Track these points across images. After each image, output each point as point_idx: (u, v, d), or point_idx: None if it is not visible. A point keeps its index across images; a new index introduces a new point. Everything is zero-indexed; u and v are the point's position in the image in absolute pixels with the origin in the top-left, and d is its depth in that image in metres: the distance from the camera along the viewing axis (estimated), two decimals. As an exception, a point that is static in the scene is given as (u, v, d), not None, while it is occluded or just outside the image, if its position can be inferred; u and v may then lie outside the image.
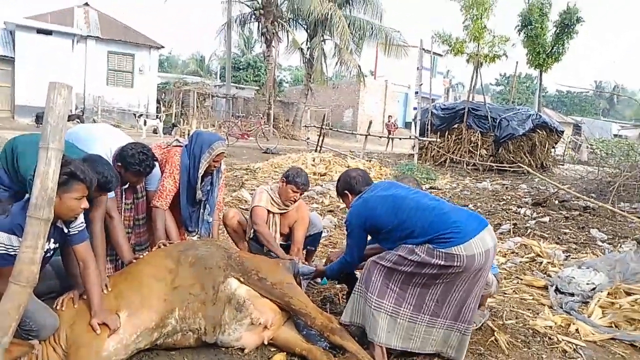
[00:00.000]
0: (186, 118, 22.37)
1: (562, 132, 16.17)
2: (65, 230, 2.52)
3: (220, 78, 36.24)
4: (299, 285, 3.31)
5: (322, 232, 4.45)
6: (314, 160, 11.00)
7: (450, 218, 2.65)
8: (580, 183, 10.33)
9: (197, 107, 23.90)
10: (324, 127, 14.58)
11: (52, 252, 2.53)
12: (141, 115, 18.29)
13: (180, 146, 3.59)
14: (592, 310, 3.70)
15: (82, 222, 2.58)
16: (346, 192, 3.24)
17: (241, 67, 36.71)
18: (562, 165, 16.20)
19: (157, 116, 19.05)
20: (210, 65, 45.77)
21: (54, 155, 1.89)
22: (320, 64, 23.85)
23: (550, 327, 3.41)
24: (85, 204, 2.43)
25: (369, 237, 3.10)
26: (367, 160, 13.09)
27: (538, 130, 14.56)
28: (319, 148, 14.08)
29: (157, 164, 3.36)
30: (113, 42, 21.33)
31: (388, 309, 2.71)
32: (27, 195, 2.35)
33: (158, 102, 23.44)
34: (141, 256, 3.05)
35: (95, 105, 20.25)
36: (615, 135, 35.05)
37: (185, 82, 27.46)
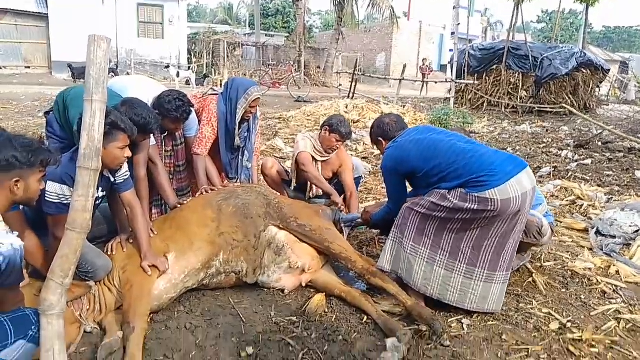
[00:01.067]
0: (217, 68, 22.34)
1: (608, 70, 15.30)
2: (112, 179, 2.64)
3: (249, 26, 35.67)
4: (341, 231, 3.38)
5: (362, 176, 4.48)
6: (346, 107, 10.86)
7: (485, 161, 2.60)
8: (625, 124, 9.88)
9: (228, 56, 23.73)
10: (356, 72, 14.25)
11: (100, 200, 2.67)
12: (173, 66, 18.32)
13: (216, 94, 3.62)
14: (634, 252, 3.63)
15: (126, 171, 2.69)
16: (380, 138, 3.20)
17: (270, 13, 35.94)
18: (607, 105, 15.45)
19: (189, 67, 19.07)
20: (238, 14, 44.98)
21: (98, 107, 1.93)
22: (352, 6, 23.05)
23: (590, 269, 3.38)
24: (128, 152, 2.52)
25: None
26: (401, 106, 12.82)
27: (582, 69, 13.84)
28: (351, 95, 13.85)
29: (193, 110, 3.40)
30: (142, -6, 21.18)
31: (424, 255, 2.73)
32: (76, 146, 2.46)
33: (189, 53, 23.38)
34: (186, 201, 3.17)
35: (127, 58, 20.39)
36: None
37: (214, 31, 27.16)
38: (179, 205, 3.13)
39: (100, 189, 2.61)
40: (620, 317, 2.77)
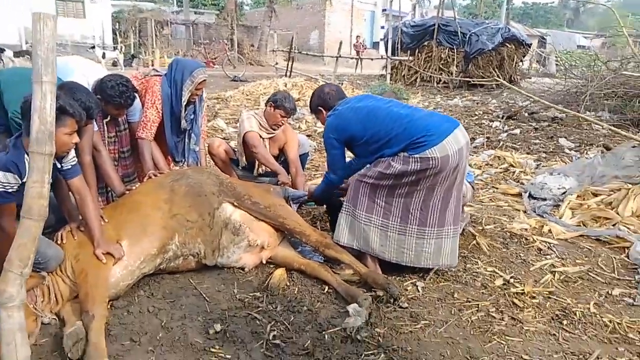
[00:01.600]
0: (145, 48, 21.34)
1: (530, 45, 16.22)
2: (59, 166, 2.52)
3: (177, 4, 34.17)
4: None
5: (308, 153, 4.53)
6: (285, 86, 10.81)
7: (422, 123, 2.73)
8: (547, 95, 10.57)
9: (156, 35, 22.71)
10: (292, 51, 14.17)
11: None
12: (98, 47, 17.30)
13: (159, 75, 3.50)
14: (563, 212, 3.98)
15: (74, 157, 2.57)
16: (320, 107, 3.23)
17: (198, -10, 34.65)
18: (530, 78, 16.40)
19: (115, 47, 18.06)
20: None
21: (49, 89, 1.84)
22: (283, -17, 22.72)
23: (526, 229, 3.67)
24: (76, 138, 2.42)
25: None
26: (339, 83, 12.94)
27: (507, 44, 14.59)
28: (288, 73, 13.79)
29: (137, 95, 3.29)
30: (57, -31, 19.67)
31: (377, 223, 2.86)
32: (19, 132, 2.33)
33: (114, 32, 22.12)
34: (133, 187, 3.08)
35: (46, 38, 18.96)
36: (579, 47, 35.37)
37: (139, 9, 25.80)
38: (127, 192, 3.05)
39: (45, 175, 2.49)
40: (554, 270, 3.06)
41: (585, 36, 42.67)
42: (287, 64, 14.11)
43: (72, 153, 2.55)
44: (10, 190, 2.23)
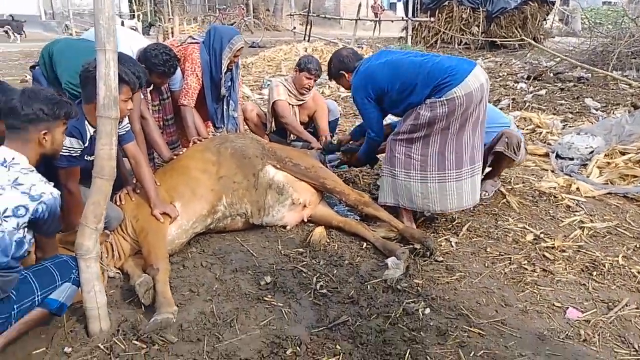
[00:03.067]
0: (162, 15, 21.23)
1: (554, 2, 15.74)
2: (114, 132, 2.68)
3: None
4: None
5: (338, 118, 4.65)
6: (305, 51, 10.80)
7: (443, 65, 2.85)
8: (572, 54, 10.37)
9: (171, 2, 22.53)
10: (310, 14, 14.02)
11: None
12: (116, 15, 17.27)
13: (197, 43, 3.61)
14: (591, 170, 4.05)
15: (127, 123, 2.73)
16: (341, 72, 3.32)
17: (211, -47, 33.97)
18: (553, 38, 15.99)
19: (132, 15, 18.03)
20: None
21: (112, 56, 1.97)
22: (298, -56, 22.18)
23: (554, 188, 3.77)
24: (130, 104, 2.56)
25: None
26: (359, 47, 12.84)
27: (530, 2, 14.17)
28: (307, 37, 13.70)
29: (178, 64, 3.41)
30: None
31: (417, 177, 2.98)
32: (78, 99, 2.48)
33: (129, 0, 22.02)
34: (179, 153, 3.25)
35: (64, 8, 19.02)
36: (605, 2, 34.01)
37: (154, -25, 25.51)
38: (174, 158, 3.22)
39: (101, 141, 2.66)
40: (583, 226, 3.17)
41: (611, -9, 40.96)
42: (305, 28, 14.00)
43: (126, 120, 2.71)
44: (74, 155, 2.42)
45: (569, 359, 2.00)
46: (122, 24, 16.47)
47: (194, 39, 3.70)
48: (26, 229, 1.85)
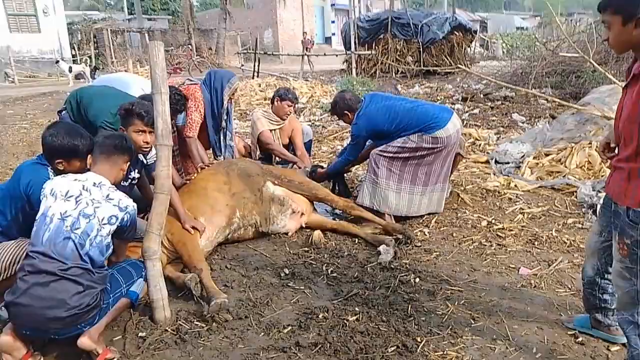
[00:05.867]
0: (104, 59, 21.36)
1: (476, 31, 17.51)
2: (145, 161, 3.21)
3: (128, 11, 33.79)
4: None
5: (312, 140, 5.35)
6: (259, 86, 11.50)
7: (429, 112, 3.64)
8: (496, 77, 11.74)
9: (113, 44, 22.70)
10: (257, 52, 14.81)
11: (136, 180, 3.22)
12: (63, 60, 17.29)
13: (196, 84, 4.20)
14: (524, 170, 4.94)
15: (154, 154, 3.25)
16: (346, 112, 4.02)
17: (145, -5, 34.38)
18: (478, 63, 17.72)
19: (74, 61, 18.05)
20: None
21: (165, 98, 2.53)
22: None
23: (497, 186, 4.61)
24: (146, 137, 3.00)
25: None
26: (306, 80, 13.72)
27: (455, 32, 15.76)
28: (256, 74, 14.42)
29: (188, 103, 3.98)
30: (4, -16, 19.36)
31: (393, 188, 3.73)
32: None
33: (69, 45, 21.97)
34: (190, 179, 3.78)
35: (2, 56, 18.73)
36: (518, 28, 37.47)
37: (92, 20, 25.61)
38: (186, 182, 3.74)
39: (136, 170, 3.18)
40: (523, 211, 3.99)
41: (523, 17, 45.18)
42: (254, 65, 14.74)
43: (153, 151, 3.23)
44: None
45: (525, 299, 2.73)
46: (70, 69, 16.52)
47: (191, 80, 4.30)
48: (110, 235, 2.36)
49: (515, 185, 4.61)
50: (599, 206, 3.71)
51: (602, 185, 4.08)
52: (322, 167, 4.45)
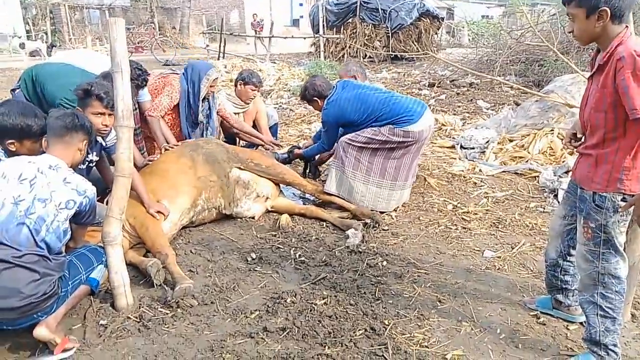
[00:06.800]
0: (61, 36, 20.46)
1: (443, 18, 17.63)
2: (104, 144, 3.08)
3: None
4: None
5: (277, 123, 5.28)
6: (225, 67, 11.26)
7: (403, 105, 3.59)
8: (462, 64, 11.88)
9: (70, 21, 21.74)
10: (223, 32, 14.47)
11: (94, 164, 3.09)
12: (14, 37, 16.41)
13: (177, 74, 4.08)
14: (488, 156, 5.03)
15: (115, 135, 3.12)
16: (315, 98, 3.93)
17: (106, -29, 32.95)
18: (444, 49, 17.87)
19: (28, 37, 17.17)
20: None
21: (126, 77, 2.41)
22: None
23: (462, 170, 4.68)
24: (106, 120, 2.89)
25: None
26: (273, 63, 13.52)
27: (423, 18, 15.82)
28: (222, 55, 14.11)
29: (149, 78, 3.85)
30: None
31: (361, 178, 3.70)
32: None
33: (24, 21, 20.88)
34: (153, 159, 3.65)
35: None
36: (483, 17, 38.01)
37: (48, -6, 24.34)
38: (148, 163, 3.62)
39: (94, 153, 3.04)
40: (488, 195, 4.07)
41: (488, 6, 45.85)
42: (219, 46, 14.42)
43: (113, 132, 3.10)
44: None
45: (489, 281, 2.78)
46: (22, 45, 15.70)
47: (173, 70, 4.17)
48: (68, 221, 2.25)
49: (480, 170, 4.69)
50: (560, 190, 3.84)
51: (563, 171, 4.20)
52: (299, 148, 4.38)
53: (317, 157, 4.29)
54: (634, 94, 1.67)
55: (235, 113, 4.67)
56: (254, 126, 4.95)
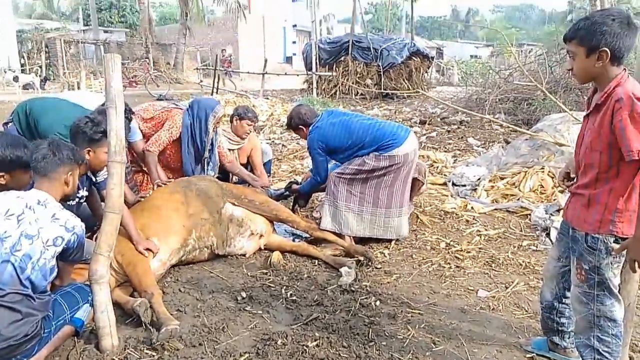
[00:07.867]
0: (56, 69, 20.63)
1: (433, 57, 18.08)
2: (94, 179, 3.05)
3: (83, 21, 32.88)
4: None
5: (271, 160, 5.28)
6: (219, 104, 11.33)
7: (386, 130, 3.64)
8: (452, 102, 12.10)
9: (65, 55, 21.98)
10: (218, 68, 14.68)
11: (84, 199, 3.05)
12: (10, 70, 16.51)
13: (180, 109, 4.08)
14: (480, 193, 5.05)
15: (105, 172, 3.10)
16: (300, 126, 3.97)
17: (103, 7, 33.56)
18: (435, 88, 18.25)
19: (22, 70, 17.29)
20: (60, 7, 41.07)
21: (119, 113, 2.42)
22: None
23: (454, 208, 4.67)
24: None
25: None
26: (266, 99, 13.68)
27: (413, 57, 16.21)
28: (215, 90, 14.26)
29: (134, 117, 3.84)
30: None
31: (354, 209, 3.69)
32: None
33: (19, 54, 21.08)
34: (145, 196, 3.62)
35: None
36: (472, 56, 39.08)
37: (45, 29, 24.71)
38: (140, 200, 3.58)
39: (84, 188, 3.01)
40: (480, 233, 4.05)
41: (476, 46, 47.26)
42: (213, 82, 14.59)
43: (105, 169, 3.08)
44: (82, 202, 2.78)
45: (484, 322, 2.74)
46: (16, 78, 15.78)
47: (176, 105, 4.19)
48: (55, 258, 2.19)
49: (472, 208, 4.69)
50: (552, 229, 3.84)
51: (554, 209, 4.22)
52: (297, 184, 4.36)
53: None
54: (631, 136, 1.69)
55: (230, 149, 4.68)
56: (248, 162, 4.95)
